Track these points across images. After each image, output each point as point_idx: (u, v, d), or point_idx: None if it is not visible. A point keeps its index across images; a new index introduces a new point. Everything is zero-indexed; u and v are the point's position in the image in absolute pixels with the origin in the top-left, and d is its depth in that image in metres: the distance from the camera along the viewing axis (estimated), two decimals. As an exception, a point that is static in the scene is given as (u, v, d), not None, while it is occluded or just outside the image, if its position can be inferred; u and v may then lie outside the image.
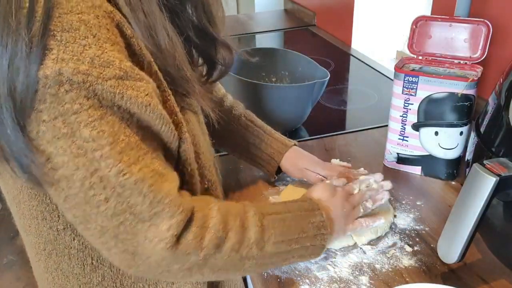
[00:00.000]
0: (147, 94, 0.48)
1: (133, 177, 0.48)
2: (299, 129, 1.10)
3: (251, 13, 2.46)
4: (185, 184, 0.59)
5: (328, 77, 1.02)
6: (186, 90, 0.57)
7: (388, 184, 0.77)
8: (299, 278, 0.67)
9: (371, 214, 0.76)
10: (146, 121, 0.49)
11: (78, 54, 0.44)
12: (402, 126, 0.88)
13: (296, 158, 0.84)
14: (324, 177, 0.82)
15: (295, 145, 0.86)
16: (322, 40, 1.79)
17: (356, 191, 0.75)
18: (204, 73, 0.68)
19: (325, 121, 1.15)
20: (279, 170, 0.87)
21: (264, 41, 1.88)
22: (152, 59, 0.52)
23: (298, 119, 1.09)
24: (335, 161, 0.90)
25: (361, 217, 0.73)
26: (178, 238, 0.51)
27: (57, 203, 0.52)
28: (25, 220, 0.60)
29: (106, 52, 0.45)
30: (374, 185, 0.77)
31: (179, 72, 0.55)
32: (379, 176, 0.78)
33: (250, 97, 1.00)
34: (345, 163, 0.88)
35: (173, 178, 0.53)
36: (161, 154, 0.53)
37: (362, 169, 0.86)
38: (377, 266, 0.69)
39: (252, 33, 1.94)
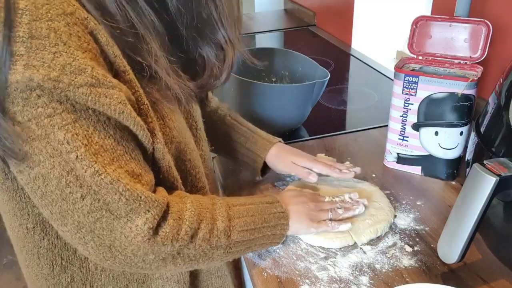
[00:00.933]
0: (120, 102, 0.48)
1: (109, 177, 0.49)
2: (299, 129, 1.10)
3: (251, 13, 2.46)
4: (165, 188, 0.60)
5: (328, 77, 1.02)
6: (150, 64, 0.54)
7: (364, 201, 0.78)
8: (299, 278, 0.67)
9: (370, 219, 0.76)
10: (123, 124, 0.50)
11: (48, 61, 0.44)
12: (402, 126, 0.88)
13: (281, 153, 0.85)
14: (310, 170, 0.82)
15: (280, 141, 0.87)
16: (322, 40, 1.79)
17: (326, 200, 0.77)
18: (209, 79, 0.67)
19: (325, 121, 1.15)
20: (265, 170, 0.87)
21: (264, 41, 1.88)
22: (128, 68, 0.51)
23: (298, 119, 1.09)
24: (320, 155, 0.91)
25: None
26: (156, 230, 0.53)
27: (33, 200, 0.52)
28: (1, 213, 0.61)
29: (77, 59, 0.45)
30: (348, 200, 0.78)
31: (145, 43, 0.54)
32: (354, 195, 0.79)
33: (250, 97, 1.00)
34: (330, 158, 0.90)
35: (149, 178, 0.54)
36: (139, 155, 0.54)
37: (347, 162, 0.87)
38: (377, 266, 0.69)
39: (252, 33, 1.94)
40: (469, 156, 0.71)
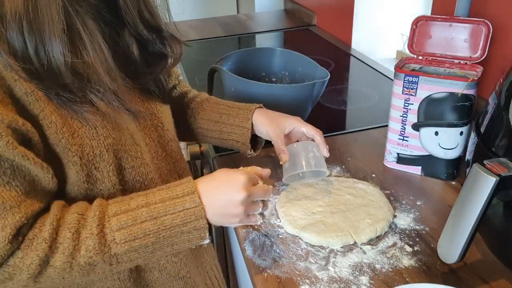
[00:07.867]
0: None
1: None
2: (299, 129, 1.10)
3: (251, 13, 2.46)
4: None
5: (328, 77, 1.02)
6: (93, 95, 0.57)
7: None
8: (299, 278, 0.67)
9: (370, 218, 0.76)
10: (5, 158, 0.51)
11: None
12: (402, 126, 0.88)
13: (266, 116, 0.83)
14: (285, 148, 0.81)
15: (260, 107, 0.85)
16: (322, 40, 1.79)
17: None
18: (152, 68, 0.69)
19: (325, 121, 1.15)
20: (256, 143, 0.86)
21: (264, 41, 1.88)
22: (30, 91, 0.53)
23: (298, 119, 1.09)
24: None
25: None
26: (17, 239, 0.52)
27: None
28: None
29: None
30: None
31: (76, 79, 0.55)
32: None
33: (250, 97, 1.00)
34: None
35: (28, 209, 0.53)
36: (17, 184, 0.53)
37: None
38: (377, 266, 0.69)
39: (252, 33, 1.94)
40: (469, 156, 0.71)
